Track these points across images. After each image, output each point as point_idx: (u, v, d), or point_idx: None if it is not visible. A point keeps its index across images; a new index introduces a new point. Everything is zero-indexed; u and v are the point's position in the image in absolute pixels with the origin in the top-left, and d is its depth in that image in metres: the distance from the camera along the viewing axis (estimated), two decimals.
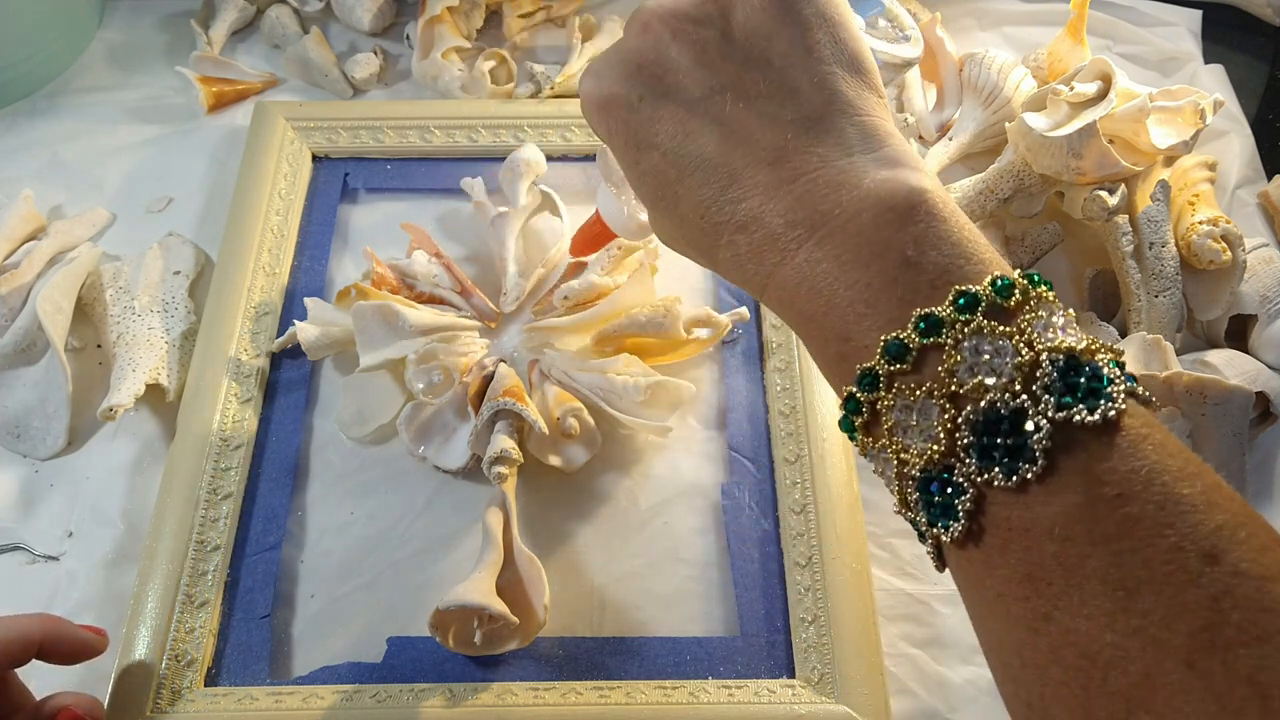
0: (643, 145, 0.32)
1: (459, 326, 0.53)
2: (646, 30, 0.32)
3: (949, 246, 0.27)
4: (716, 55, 0.31)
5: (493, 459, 0.47)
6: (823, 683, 0.44)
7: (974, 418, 0.25)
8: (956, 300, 0.25)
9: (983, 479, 0.24)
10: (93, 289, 0.55)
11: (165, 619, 0.45)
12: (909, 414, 0.26)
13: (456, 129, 0.61)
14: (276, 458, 0.50)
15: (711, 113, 0.30)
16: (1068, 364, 0.24)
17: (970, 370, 0.25)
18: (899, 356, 0.26)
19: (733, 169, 0.30)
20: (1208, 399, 0.47)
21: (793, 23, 0.31)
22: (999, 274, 0.26)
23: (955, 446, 0.25)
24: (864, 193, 0.28)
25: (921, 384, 0.26)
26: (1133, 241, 0.53)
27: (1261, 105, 0.66)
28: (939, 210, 0.27)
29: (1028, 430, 0.24)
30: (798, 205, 0.29)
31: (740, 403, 0.52)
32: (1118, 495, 0.23)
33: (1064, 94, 0.52)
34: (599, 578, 0.48)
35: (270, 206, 0.58)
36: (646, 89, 0.32)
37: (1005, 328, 0.25)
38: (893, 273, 0.27)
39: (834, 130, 0.29)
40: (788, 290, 0.29)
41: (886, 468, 0.27)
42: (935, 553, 0.27)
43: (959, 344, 0.25)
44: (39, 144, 0.63)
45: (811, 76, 0.30)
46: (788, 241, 0.29)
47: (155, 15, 0.70)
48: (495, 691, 0.43)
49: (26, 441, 0.51)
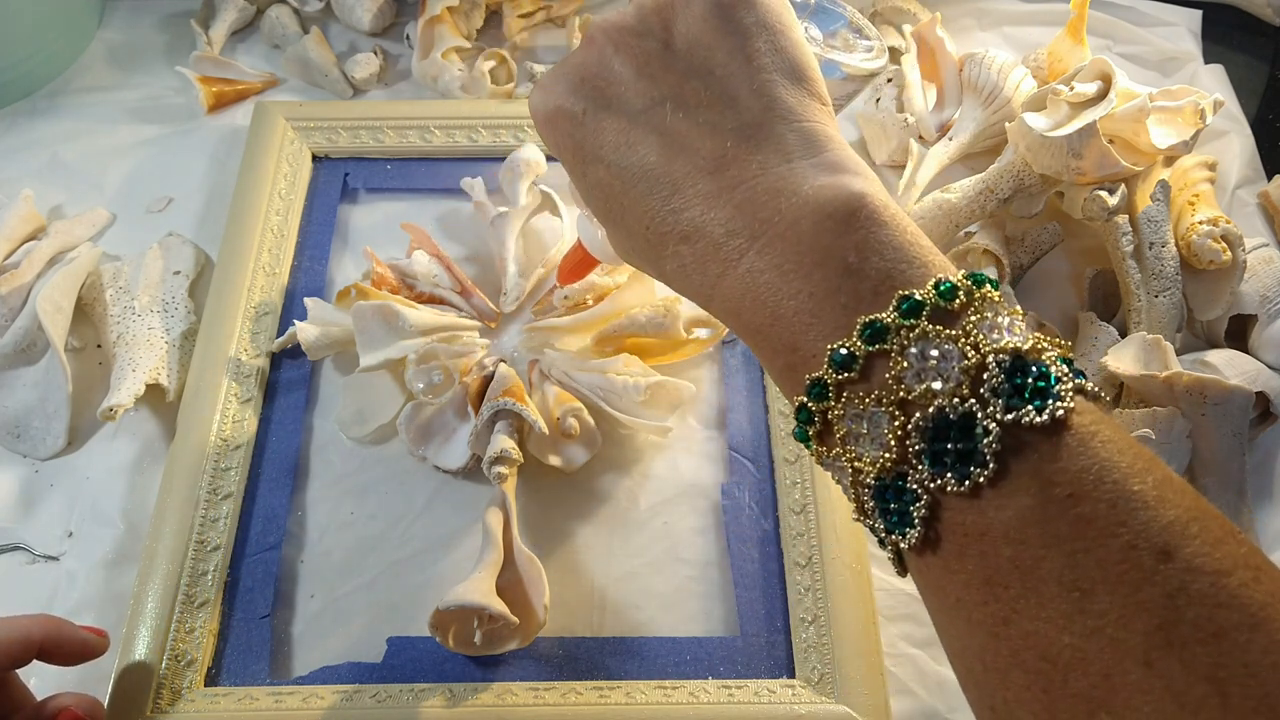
0: (588, 158, 0.32)
1: (459, 326, 0.53)
2: (591, 44, 0.33)
3: (891, 251, 0.27)
4: (658, 66, 0.31)
5: (493, 459, 0.47)
6: (823, 683, 0.44)
7: (923, 424, 0.25)
8: (900, 305, 0.25)
9: (935, 485, 0.24)
10: (93, 289, 0.55)
11: (165, 619, 0.45)
12: (860, 422, 0.26)
13: (456, 129, 0.61)
14: (276, 458, 0.50)
15: (653, 123, 0.30)
16: (1014, 365, 0.24)
17: (917, 376, 0.25)
18: (846, 365, 0.26)
19: (675, 179, 0.30)
20: (1208, 399, 0.47)
21: (732, 32, 0.31)
22: (942, 276, 0.26)
23: (907, 453, 0.25)
24: (803, 199, 0.28)
25: (870, 392, 0.25)
26: (1133, 241, 0.53)
27: (1261, 105, 0.66)
28: (879, 215, 0.27)
29: (977, 434, 0.24)
30: (737, 214, 0.29)
31: (740, 403, 0.52)
32: (1069, 495, 0.23)
33: (1064, 94, 0.52)
34: (599, 578, 0.48)
35: (270, 206, 0.58)
36: (590, 101, 0.32)
37: (950, 331, 0.25)
38: (835, 281, 0.27)
39: (773, 137, 0.29)
40: (732, 301, 0.29)
41: (842, 476, 0.27)
42: (896, 558, 0.27)
43: (905, 350, 0.25)
44: (39, 144, 0.63)
45: (751, 84, 0.30)
46: (729, 251, 0.29)
47: (155, 15, 0.70)
48: (495, 691, 0.43)
49: (26, 441, 0.51)
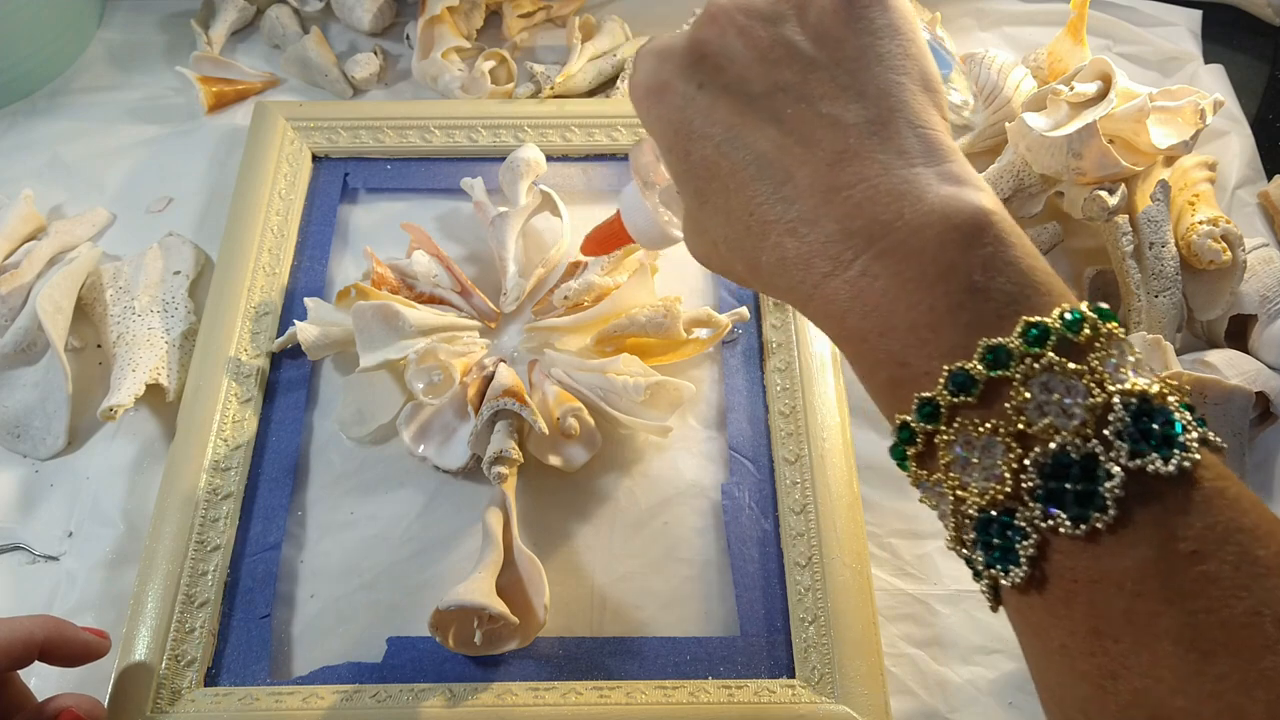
0: (695, 135, 0.31)
1: (459, 326, 0.53)
2: (713, 22, 0.31)
3: (1017, 274, 0.25)
4: (783, 53, 0.30)
5: (493, 459, 0.47)
6: (823, 683, 0.44)
7: (1042, 460, 0.23)
8: (1026, 332, 0.24)
9: (1048, 525, 0.23)
10: (93, 289, 0.55)
11: (165, 619, 0.45)
12: (971, 450, 0.25)
13: (456, 129, 0.61)
14: (276, 458, 0.50)
15: (773, 109, 0.29)
16: (1140, 408, 0.23)
17: (1039, 409, 0.24)
18: (964, 389, 0.25)
19: (788, 167, 0.29)
20: (1208, 399, 0.47)
21: (865, 30, 0.30)
22: (1068, 306, 0.25)
23: (1020, 489, 0.24)
24: (927, 206, 0.26)
25: (986, 420, 0.24)
26: (1133, 241, 0.53)
27: (1261, 105, 0.66)
28: (1006, 235, 0.26)
29: (1099, 477, 0.23)
30: (856, 212, 0.27)
31: (740, 403, 0.52)
32: (1193, 552, 0.22)
33: (1064, 94, 0.52)
34: (599, 578, 0.48)
35: (270, 206, 0.58)
36: (707, 78, 0.31)
37: (1076, 366, 0.24)
38: (958, 297, 0.25)
39: (897, 138, 0.28)
40: (838, 304, 0.28)
41: (941, 502, 0.26)
42: (990, 592, 0.26)
43: (1028, 380, 0.24)
44: (39, 144, 0.63)
45: (879, 83, 0.29)
46: (842, 250, 0.27)
47: (155, 15, 0.70)
48: (495, 691, 0.43)
49: (26, 441, 0.51)
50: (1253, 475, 0.50)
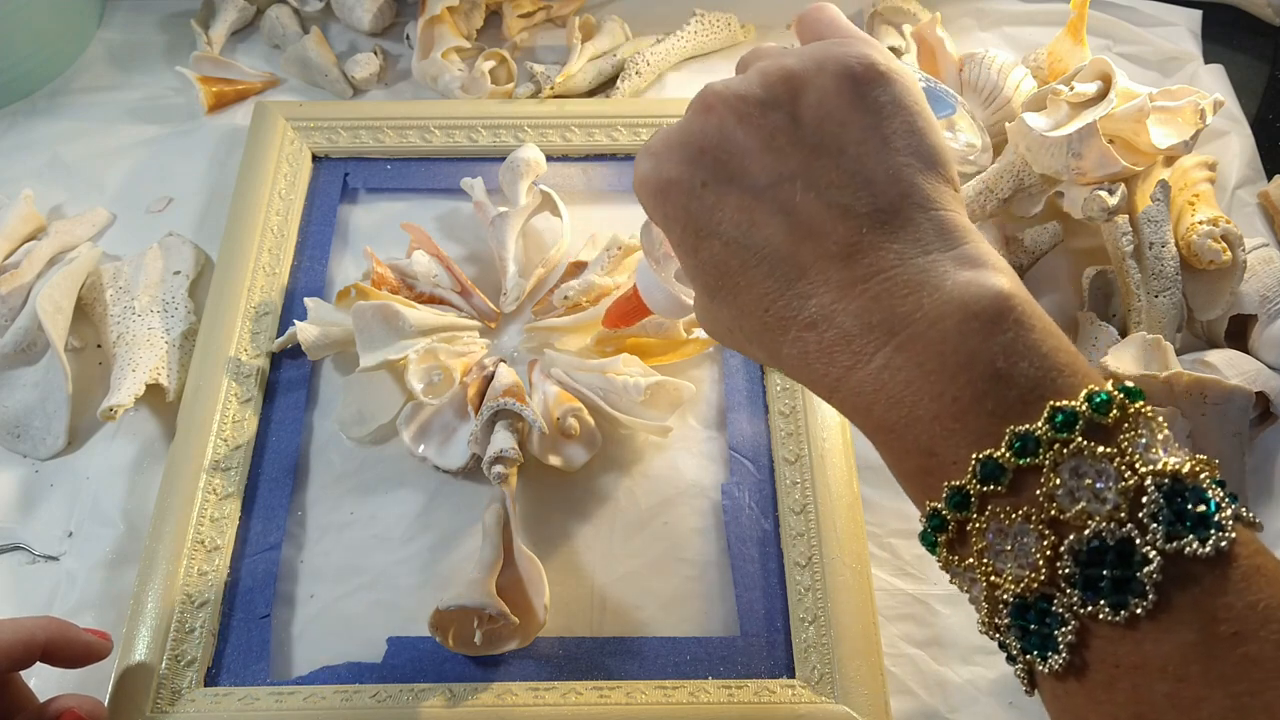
0: (703, 233, 0.30)
1: (459, 326, 0.53)
2: (710, 112, 0.31)
3: (1039, 358, 0.25)
4: (785, 141, 0.29)
5: (493, 459, 0.47)
6: (823, 683, 0.44)
7: (1078, 547, 0.23)
8: (1053, 418, 0.24)
9: (1086, 611, 0.23)
10: (93, 289, 0.55)
11: (165, 619, 0.45)
12: (1003, 538, 0.25)
13: (456, 129, 0.61)
14: (276, 458, 0.50)
15: (779, 201, 0.29)
16: (1173, 488, 0.23)
17: (1070, 495, 0.24)
18: (993, 477, 0.24)
19: (801, 262, 0.28)
20: (1208, 399, 0.47)
21: (867, 109, 0.29)
22: (1095, 388, 0.25)
23: (1056, 575, 0.24)
24: (945, 295, 0.26)
25: (1018, 507, 0.24)
26: (1133, 241, 0.53)
27: (1261, 105, 0.66)
28: (1026, 318, 0.26)
29: (1136, 562, 0.23)
30: (874, 306, 0.27)
31: (740, 403, 0.52)
32: (1235, 634, 0.22)
33: (1064, 94, 0.52)
34: (599, 578, 0.48)
35: (270, 206, 0.58)
36: (710, 174, 0.30)
37: (1106, 449, 0.24)
38: (982, 385, 0.25)
39: (910, 225, 0.28)
40: (864, 397, 0.27)
41: (974, 588, 0.26)
42: (1026, 677, 0.26)
43: (1058, 466, 0.24)
44: (39, 144, 0.63)
45: (887, 168, 0.28)
46: (863, 344, 0.27)
47: (155, 15, 0.70)
48: (495, 691, 0.43)
49: (26, 441, 0.51)
50: (1253, 475, 0.50)
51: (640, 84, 0.65)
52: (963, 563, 0.26)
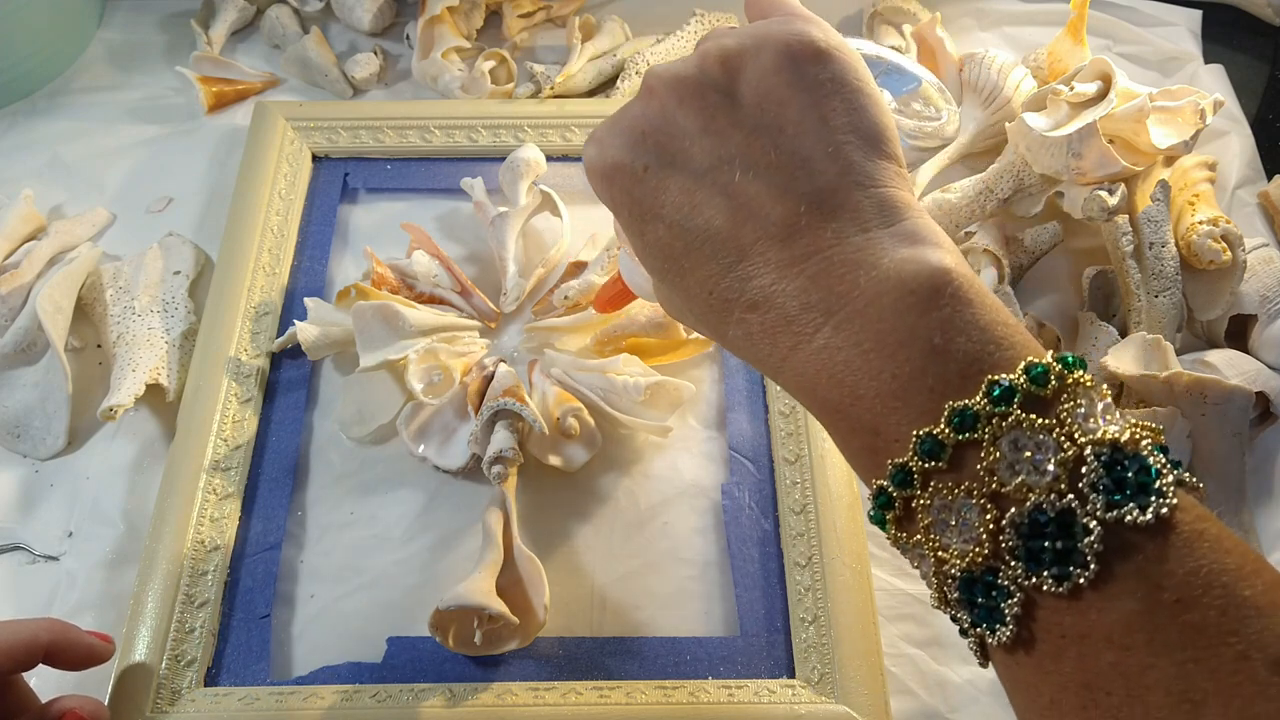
0: (648, 217, 0.30)
1: (459, 326, 0.53)
2: (651, 95, 0.31)
3: (977, 331, 0.25)
4: (725, 122, 0.29)
5: (493, 459, 0.47)
6: (823, 683, 0.44)
7: (1019, 520, 0.23)
8: (990, 391, 0.24)
9: (1031, 583, 0.23)
10: (93, 289, 0.55)
11: (165, 619, 0.45)
12: (947, 513, 0.25)
13: (456, 129, 0.61)
14: (276, 458, 0.50)
15: (719, 183, 0.29)
16: (1113, 457, 0.23)
17: (1011, 468, 0.24)
18: (934, 454, 0.25)
19: (741, 244, 0.28)
20: (1208, 399, 0.47)
21: (806, 88, 0.29)
22: (1032, 360, 0.24)
23: (1000, 549, 0.24)
24: (883, 273, 0.26)
25: (960, 483, 0.24)
26: (1133, 241, 0.53)
27: (1261, 105, 0.66)
28: (964, 292, 0.26)
29: (1076, 533, 0.23)
30: (811, 286, 0.27)
31: (740, 403, 0.52)
32: (1177, 600, 0.22)
33: (1064, 94, 0.52)
34: (599, 578, 0.48)
35: (270, 206, 0.58)
36: (652, 158, 0.30)
37: (1044, 420, 0.24)
38: (920, 362, 0.25)
39: (849, 204, 0.28)
40: (806, 377, 0.28)
41: (923, 564, 0.26)
42: (979, 649, 0.26)
43: (997, 440, 0.24)
44: (39, 144, 0.63)
45: (825, 146, 0.28)
46: (803, 325, 0.27)
47: (155, 15, 0.70)
48: (495, 691, 0.43)
49: (26, 441, 0.51)
50: (1253, 475, 0.50)
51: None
52: (911, 539, 0.26)
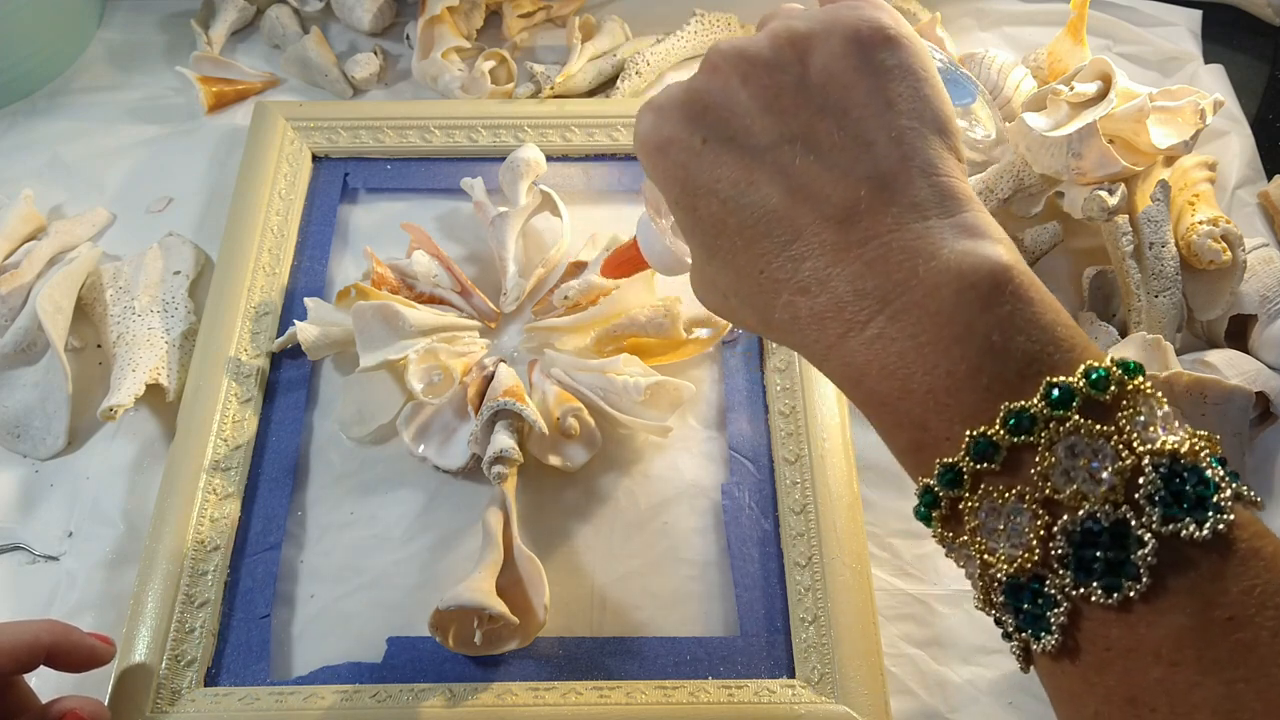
0: (701, 191, 0.30)
1: (459, 326, 0.53)
2: (715, 71, 0.30)
3: (1038, 331, 0.25)
4: (789, 102, 0.29)
5: (493, 459, 0.47)
6: (823, 683, 0.44)
7: (1071, 528, 0.23)
8: (1048, 394, 0.24)
9: (1079, 593, 0.23)
10: (93, 289, 0.55)
11: (165, 619, 0.45)
12: (996, 517, 0.24)
13: (456, 129, 0.61)
14: (276, 458, 0.50)
15: (779, 163, 0.28)
16: (1171, 469, 0.23)
17: (1066, 475, 0.23)
18: (987, 455, 0.24)
19: (797, 225, 0.28)
20: (1208, 399, 0.47)
21: (873, 72, 0.29)
22: (1092, 364, 0.24)
23: (1049, 556, 0.23)
24: (942, 264, 0.26)
25: (1011, 486, 0.24)
26: (1133, 241, 0.53)
27: (1261, 105, 0.66)
28: (1025, 290, 0.25)
29: (1130, 545, 0.22)
30: (867, 271, 0.26)
31: (740, 403, 0.52)
32: (1230, 619, 0.22)
33: (1064, 94, 0.52)
34: (599, 578, 0.48)
35: (270, 206, 0.58)
36: (710, 132, 0.29)
37: (1103, 427, 0.23)
38: (977, 359, 0.25)
39: (910, 190, 0.27)
40: (854, 366, 0.27)
41: (969, 565, 0.26)
42: (1022, 654, 0.25)
43: (1053, 445, 0.23)
44: (39, 144, 0.63)
45: (889, 130, 0.28)
46: (855, 311, 0.26)
47: (155, 15, 0.70)
48: (495, 691, 0.43)
49: (26, 441, 0.51)
50: (1253, 475, 0.50)
51: (640, 84, 0.65)
52: (957, 539, 0.26)
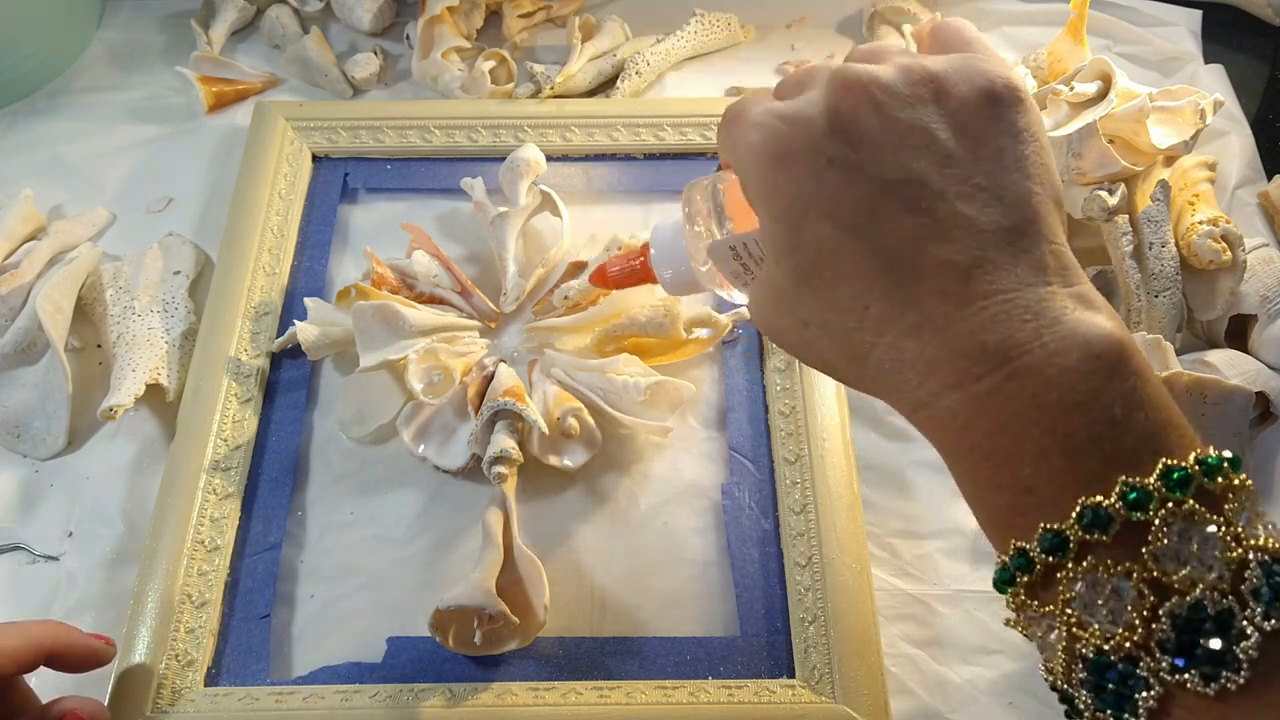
0: (814, 212, 0.28)
1: (459, 326, 0.53)
2: (848, 92, 0.29)
3: (1154, 411, 0.25)
4: (920, 141, 0.28)
5: (493, 459, 0.47)
6: (823, 683, 0.44)
7: (1178, 612, 0.23)
8: (1167, 474, 0.24)
9: (1176, 679, 0.23)
10: (93, 289, 0.55)
11: (165, 619, 0.45)
12: (1096, 590, 0.24)
13: (456, 129, 0.61)
14: (276, 458, 0.50)
15: (906, 199, 0.27)
16: (1273, 567, 0.23)
17: (1176, 558, 0.23)
18: (1100, 526, 0.24)
19: (920, 266, 0.27)
20: (1208, 399, 0.47)
21: (1005, 130, 0.28)
22: (1203, 452, 0.24)
23: (1150, 638, 0.23)
24: (1066, 330, 0.25)
25: (1120, 562, 0.24)
26: (1133, 241, 0.53)
27: (1261, 105, 0.66)
28: (1143, 368, 0.25)
29: (1233, 635, 0.22)
30: (991, 326, 0.26)
31: (740, 403, 0.52)
32: None
33: (1064, 94, 0.52)
34: (599, 578, 0.48)
35: (270, 206, 0.58)
36: (839, 154, 0.28)
37: (1216, 515, 0.23)
38: (1098, 429, 0.24)
39: (1034, 252, 0.27)
40: (960, 419, 0.26)
41: (1048, 635, 0.25)
42: None
43: (1169, 525, 0.23)
44: (39, 144, 0.63)
45: (1017, 189, 0.28)
46: (972, 363, 0.26)
47: (155, 15, 0.70)
48: (495, 691, 0.43)
49: (26, 441, 0.51)
50: (1253, 475, 0.50)
51: (640, 84, 0.65)
52: (1042, 608, 0.25)
